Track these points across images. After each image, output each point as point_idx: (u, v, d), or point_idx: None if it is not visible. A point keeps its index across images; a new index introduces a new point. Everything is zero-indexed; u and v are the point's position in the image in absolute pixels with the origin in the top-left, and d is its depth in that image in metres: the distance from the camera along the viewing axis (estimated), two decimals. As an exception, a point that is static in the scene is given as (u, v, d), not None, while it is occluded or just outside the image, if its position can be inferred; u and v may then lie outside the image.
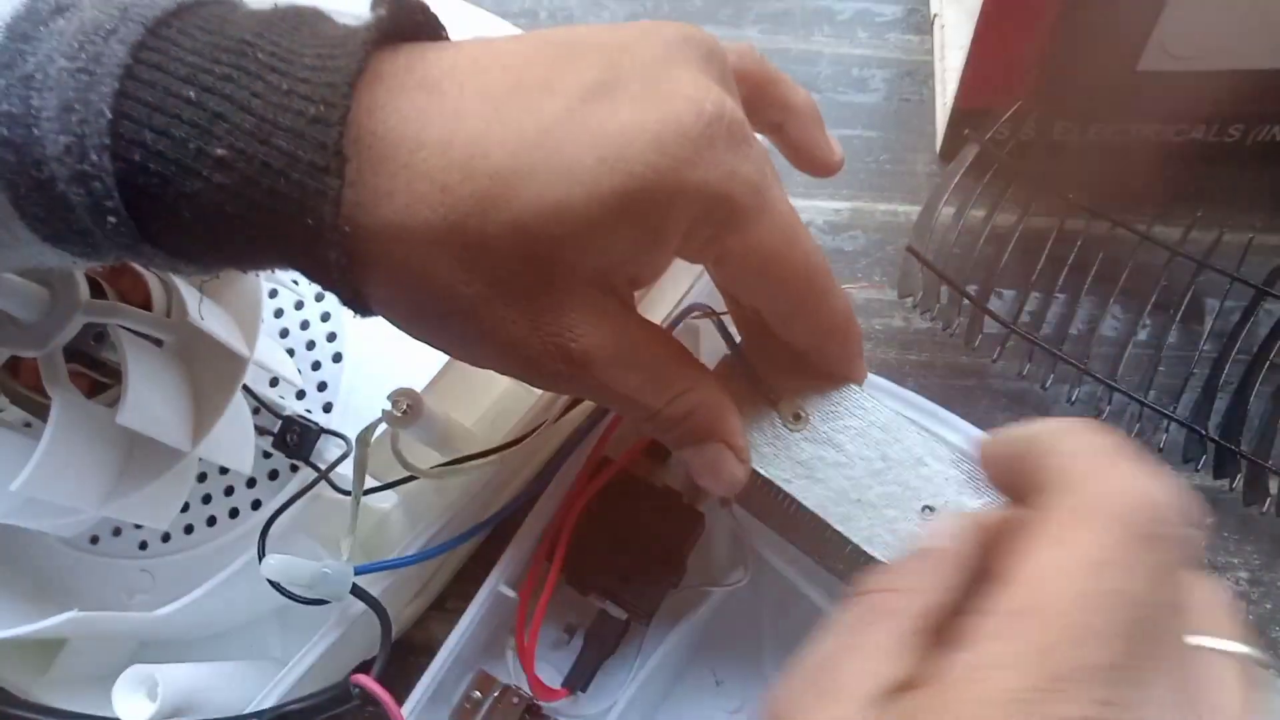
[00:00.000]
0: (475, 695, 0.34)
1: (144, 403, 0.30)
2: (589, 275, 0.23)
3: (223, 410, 0.32)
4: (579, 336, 0.23)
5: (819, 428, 0.29)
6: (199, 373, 0.34)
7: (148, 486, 0.32)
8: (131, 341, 0.31)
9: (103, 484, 0.31)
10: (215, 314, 0.33)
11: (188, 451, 0.32)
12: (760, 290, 0.26)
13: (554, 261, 0.22)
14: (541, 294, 0.23)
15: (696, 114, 0.22)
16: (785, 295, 0.26)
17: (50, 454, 0.29)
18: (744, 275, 0.25)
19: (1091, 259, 0.45)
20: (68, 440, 0.30)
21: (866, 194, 0.51)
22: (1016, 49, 0.45)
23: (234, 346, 0.32)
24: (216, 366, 0.33)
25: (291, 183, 0.20)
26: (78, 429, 0.30)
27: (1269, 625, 0.40)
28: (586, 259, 0.23)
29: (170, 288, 0.33)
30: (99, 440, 0.31)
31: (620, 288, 0.25)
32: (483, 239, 0.22)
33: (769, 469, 0.28)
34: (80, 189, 0.20)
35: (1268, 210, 0.47)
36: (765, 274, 0.25)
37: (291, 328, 0.41)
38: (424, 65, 0.22)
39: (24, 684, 0.37)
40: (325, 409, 0.40)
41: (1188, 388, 0.42)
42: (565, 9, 0.57)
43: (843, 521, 0.28)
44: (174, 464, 0.32)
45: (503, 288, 0.22)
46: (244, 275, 0.35)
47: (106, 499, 0.31)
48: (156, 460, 0.32)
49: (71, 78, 0.20)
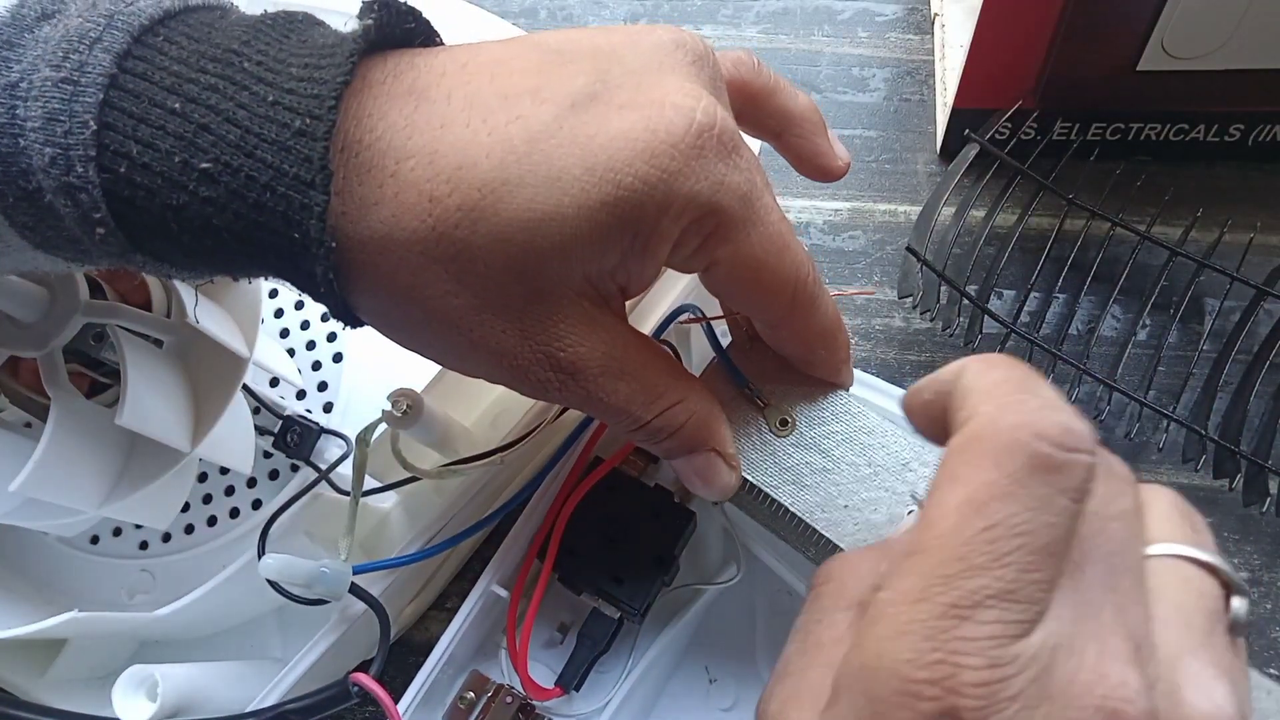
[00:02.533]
0: (469, 696, 0.34)
1: (143, 403, 0.30)
2: (578, 286, 0.23)
3: (223, 410, 0.32)
4: (568, 347, 0.23)
5: (806, 433, 0.29)
6: (199, 373, 0.34)
7: (148, 487, 0.32)
8: (131, 342, 0.31)
9: (103, 484, 0.31)
10: (214, 315, 0.33)
11: (188, 452, 0.32)
12: (750, 298, 0.26)
13: (543, 272, 0.22)
14: (531, 305, 0.23)
15: (686, 124, 0.22)
16: (775, 303, 0.26)
17: (50, 454, 0.29)
18: (733, 284, 0.25)
19: (1091, 259, 0.45)
20: (67, 441, 0.30)
21: (866, 194, 0.51)
22: (1016, 48, 0.45)
23: (233, 347, 0.32)
24: (216, 367, 0.33)
25: (277, 196, 0.20)
26: (77, 429, 0.30)
27: (1269, 625, 0.40)
28: (575, 270, 0.23)
29: (170, 289, 0.33)
30: (99, 441, 0.31)
31: (610, 298, 0.25)
32: (470, 250, 0.21)
33: (756, 475, 0.28)
34: (67, 200, 0.20)
35: (1268, 210, 0.47)
36: (755, 283, 0.25)
37: (291, 328, 0.41)
38: (413, 72, 0.22)
39: (24, 684, 0.37)
40: (325, 409, 0.40)
41: (1187, 388, 0.42)
42: (565, 8, 0.57)
43: (829, 527, 0.28)
44: (174, 464, 0.32)
45: (491, 298, 0.22)
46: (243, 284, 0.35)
47: (106, 499, 0.31)
48: (156, 460, 0.32)
49: (56, 88, 0.20)
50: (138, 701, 0.32)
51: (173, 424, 0.32)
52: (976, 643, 0.16)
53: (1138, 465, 0.43)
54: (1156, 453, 0.43)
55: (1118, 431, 0.44)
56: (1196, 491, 0.43)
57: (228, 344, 0.32)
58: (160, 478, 0.32)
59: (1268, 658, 0.40)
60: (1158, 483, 0.42)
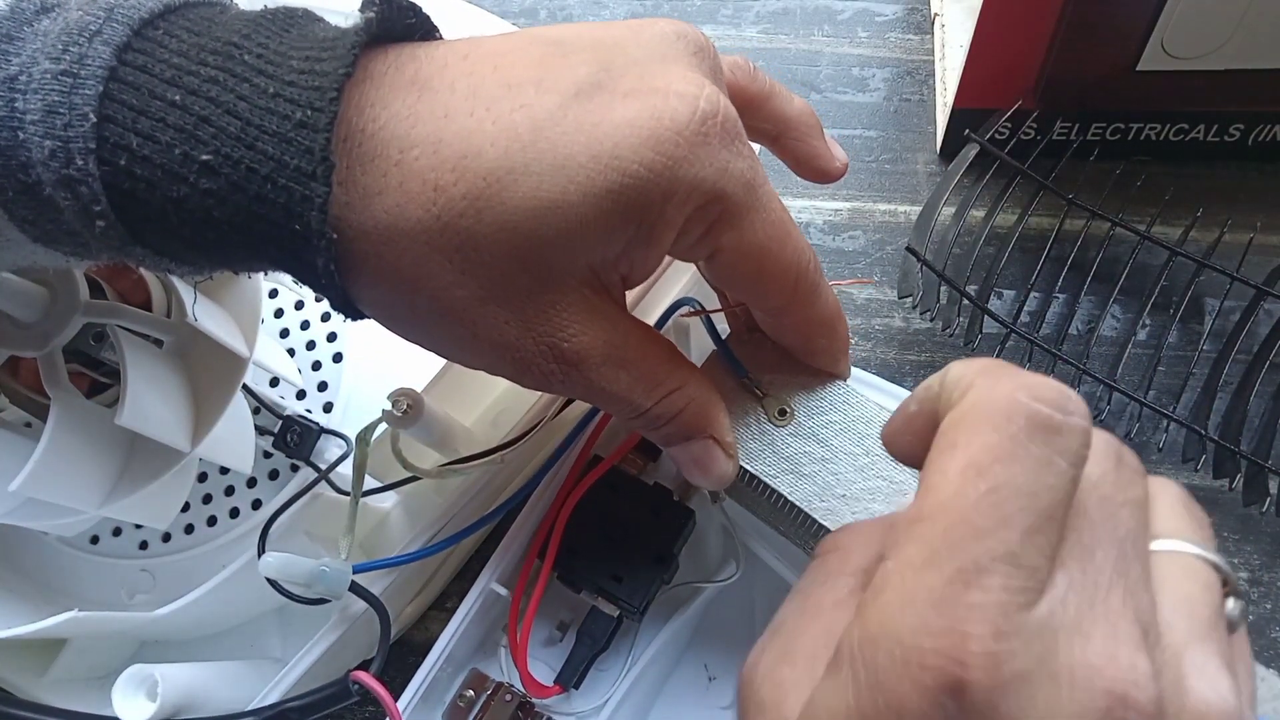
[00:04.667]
0: (469, 694, 0.34)
1: (143, 404, 0.30)
2: (582, 275, 0.23)
3: (223, 410, 0.32)
4: (571, 337, 0.23)
5: (804, 423, 0.29)
6: (199, 373, 0.34)
7: (148, 486, 0.32)
8: (131, 342, 0.31)
9: (103, 484, 0.31)
10: (214, 315, 0.33)
11: (188, 452, 0.32)
12: (752, 286, 0.26)
13: (548, 261, 0.22)
14: (535, 294, 0.23)
15: (690, 111, 0.22)
16: (776, 291, 0.26)
17: (50, 454, 0.29)
18: (736, 272, 0.25)
19: (1091, 259, 0.45)
20: (67, 440, 0.30)
21: (866, 194, 0.51)
22: (1016, 48, 0.45)
23: (233, 347, 0.32)
24: (216, 367, 0.33)
25: (278, 188, 0.20)
26: (77, 429, 0.30)
27: (1269, 625, 0.40)
28: (580, 258, 0.23)
29: (170, 288, 0.34)
30: (98, 441, 0.31)
31: (612, 286, 0.25)
32: (476, 239, 0.21)
33: (754, 464, 0.29)
34: (67, 193, 0.20)
35: (1268, 210, 0.47)
36: (758, 270, 0.25)
37: (291, 327, 0.41)
38: (414, 64, 0.22)
39: (24, 684, 0.37)
40: (325, 409, 0.40)
41: (1187, 388, 0.42)
42: (565, 8, 0.57)
43: (827, 516, 0.28)
44: (174, 464, 0.32)
45: (495, 289, 0.22)
46: (243, 275, 0.35)
47: (106, 499, 0.31)
48: (156, 460, 0.32)
49: (56, 80, 0.20)
50: (138, 701, 0.32)
51: (173, 424, 0.32)
52: (983, 610, 0.16)
53: (1138, 465, 0.44)
54: (1156, 453, 0.43)
55: (1118, 431, 0.44)
56: (1196, 491, 0.43)
57: (228, 344, 0.32)
58: (160, 478, 0.32)
59: (1268, 658, 0.40)
60: (1158, 482, 0.43)
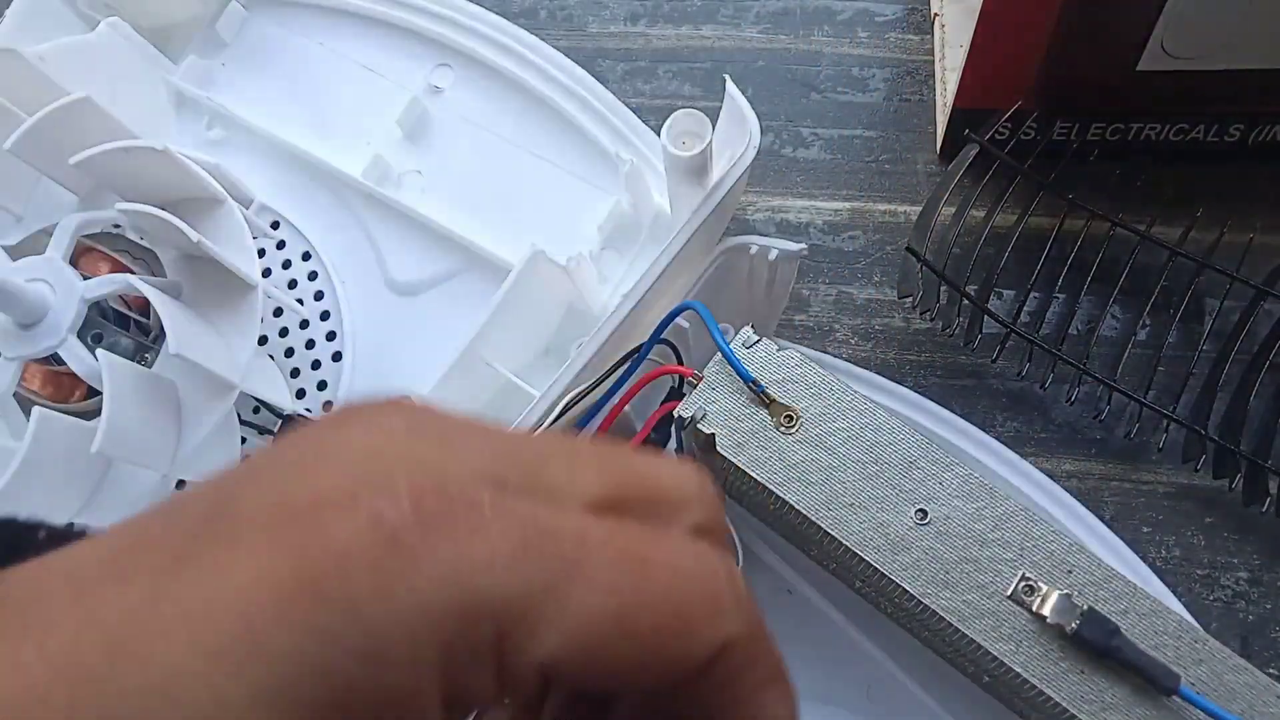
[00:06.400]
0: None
1: (121, 429, 0.30)
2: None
3: (205, 432, 0.32)
4: None
5: (811, 430, 0.29)
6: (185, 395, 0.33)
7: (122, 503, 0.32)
8: (113, 367, 0.30)
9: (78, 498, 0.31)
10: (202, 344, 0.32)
11: (165, 473, 0.32)
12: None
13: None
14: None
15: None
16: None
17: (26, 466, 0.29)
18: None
19: (1091, 259, 0.45)
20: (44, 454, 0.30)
21: (866, 194, 0.51)
22: (1016, 49, 0.45)
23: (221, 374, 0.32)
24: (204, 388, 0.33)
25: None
26: (55, 443, 0.30)
27: (1269, 625, 0.40)
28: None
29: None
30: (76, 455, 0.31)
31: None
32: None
33: (761, 472, 0.28)
34: None
35: (1268, 210, 0.47)
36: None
37: (291, 327, 0.41)
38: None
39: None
40: (325, 408, 0.40)
41: (1187, 388, 0.42)
42: (565, 9, 0.57)
43: (835, 525, 0.27)
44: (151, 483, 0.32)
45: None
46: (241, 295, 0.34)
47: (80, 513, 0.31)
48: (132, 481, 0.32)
49: None
50: None
51: (153, 446, 0.31)
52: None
53: (1138, 465, 0.44)
54: (1156, 453, 0.43)
55: (1118, 431, 0.44)
56: (1196, 491, 0.43)
57: (215, 372, 0.32)
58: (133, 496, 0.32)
59: (1268, 658, 0.40)
60: (1157, 482, 0.43)
